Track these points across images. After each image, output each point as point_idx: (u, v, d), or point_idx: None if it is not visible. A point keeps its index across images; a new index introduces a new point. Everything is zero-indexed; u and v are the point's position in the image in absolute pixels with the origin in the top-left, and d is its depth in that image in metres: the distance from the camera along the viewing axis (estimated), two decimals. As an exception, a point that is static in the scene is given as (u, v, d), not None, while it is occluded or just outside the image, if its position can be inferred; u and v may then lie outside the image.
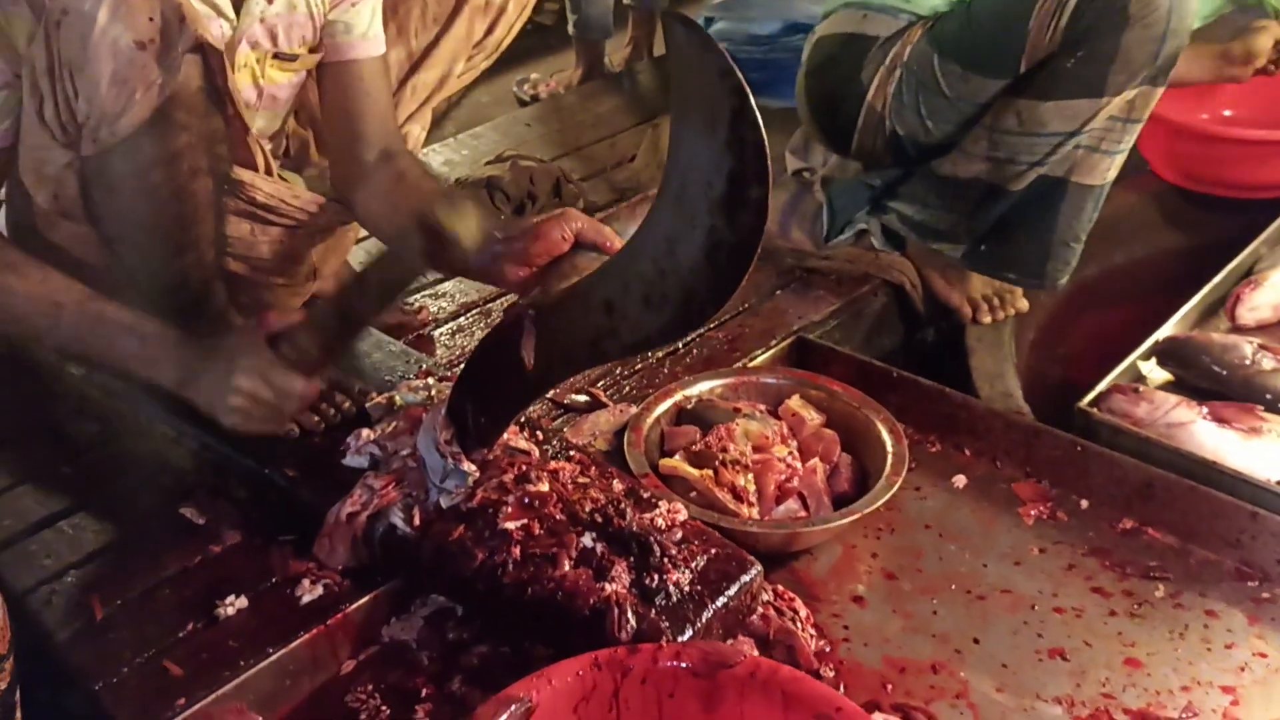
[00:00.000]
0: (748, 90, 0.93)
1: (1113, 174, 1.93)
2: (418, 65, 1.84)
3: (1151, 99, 1.85)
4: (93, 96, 1.33)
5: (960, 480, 1.67)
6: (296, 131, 1.79)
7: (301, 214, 1.65)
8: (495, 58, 1.96)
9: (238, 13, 1.50)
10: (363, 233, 1.98)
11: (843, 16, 2.10)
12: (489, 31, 1.89)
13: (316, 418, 1.55)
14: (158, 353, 1.42)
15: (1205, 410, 1.72)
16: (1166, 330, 1.96)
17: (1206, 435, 1.67)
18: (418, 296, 2.09)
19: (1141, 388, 1.79)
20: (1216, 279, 2.09)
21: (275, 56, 1.58)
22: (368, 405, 1.57)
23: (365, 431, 1.50)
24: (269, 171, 1.60)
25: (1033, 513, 1.61)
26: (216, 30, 1.46)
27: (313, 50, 1.62)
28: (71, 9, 1.29)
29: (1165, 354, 1.91)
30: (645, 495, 1.41)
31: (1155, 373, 1.91)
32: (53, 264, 1.44)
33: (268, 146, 1.61)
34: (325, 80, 1.67)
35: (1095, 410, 1.74)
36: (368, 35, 1.65)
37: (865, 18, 2.05)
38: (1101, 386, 1.79)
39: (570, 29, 3.30)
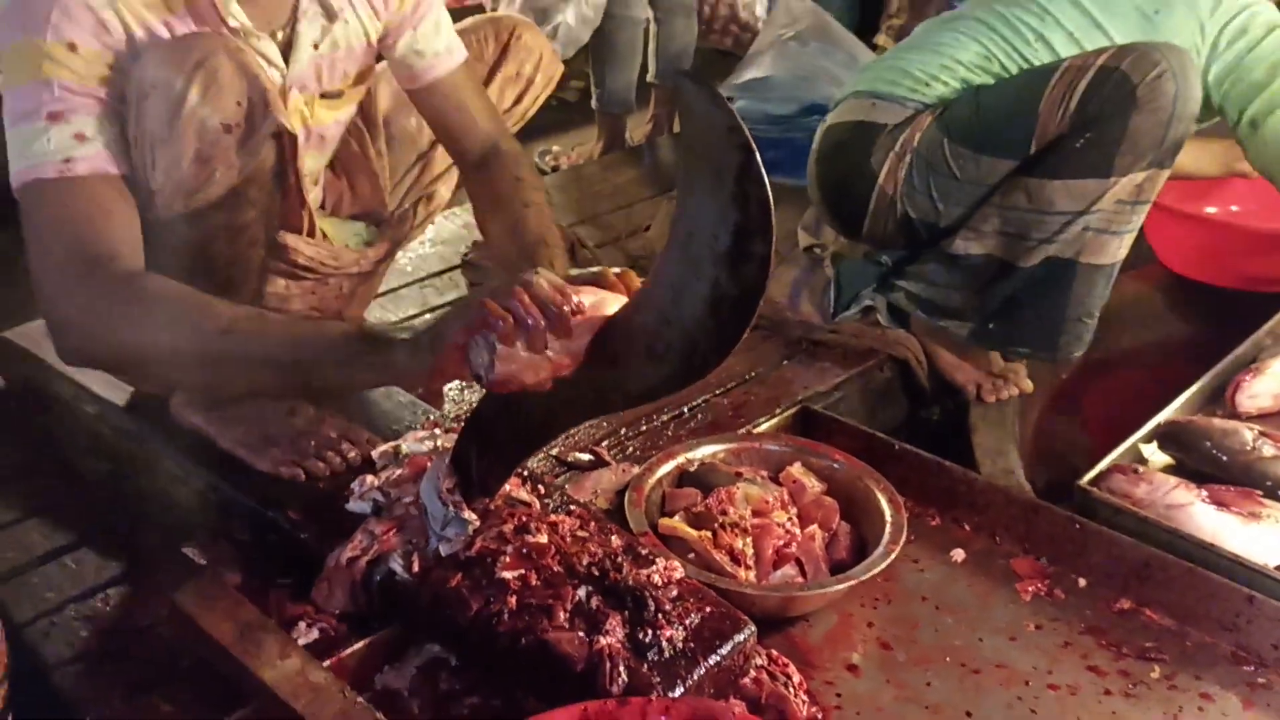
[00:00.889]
0: (754, 146, 0.96)
1: (1123, 252, 1.96)
2: None
3: (1158, 181, 1.88)
4: (172, 170, 1.35)
5: (959, 554, 1.67)
6: (332, 183, 1.84)
7: (336, 273, 1.69)
8: (520, 126, 2.02)
9: (286, 60, 1.54)
10: (385, 285, 2.02)
11: (852, 105, 2.17)
12: (517, 100, 1.95)
13: (323, 465, 1.57)
14: (381, 335, 1.25)
15: (1204, 493, 1.72)
16: (1168, 414, 1.97)
17: (1205, 518, 1.67)
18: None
19: (1141, 469, 1.80)
20: (1219, 366, 2.11)
21: (322, 96, 1.61)
22: (374, 453, 1.58)
23: (369, 478, 1.52)
24: (311, 232, 1.64)
25: (1030, 589, 1.60)
26: (268, 80, 1.48)
27: (357, 83, 1.66)
28: (161, 85, 1.32)
29: (1166, 437, 1.92)
30: (643, 551, 1.42)
31: (1156, 456, 1.91)
32: None
33: (312, 196, 1.64)
34: (420, 106, 1.73)
35: (1095, 489, 1.74)
36: (439, 52, 1.69)
37: (874, 106, 2.12)
38: (1102, 466, 1.80)
39: (594, 103, 3.38)
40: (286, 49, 1.53)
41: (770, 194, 0.97)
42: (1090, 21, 2.02)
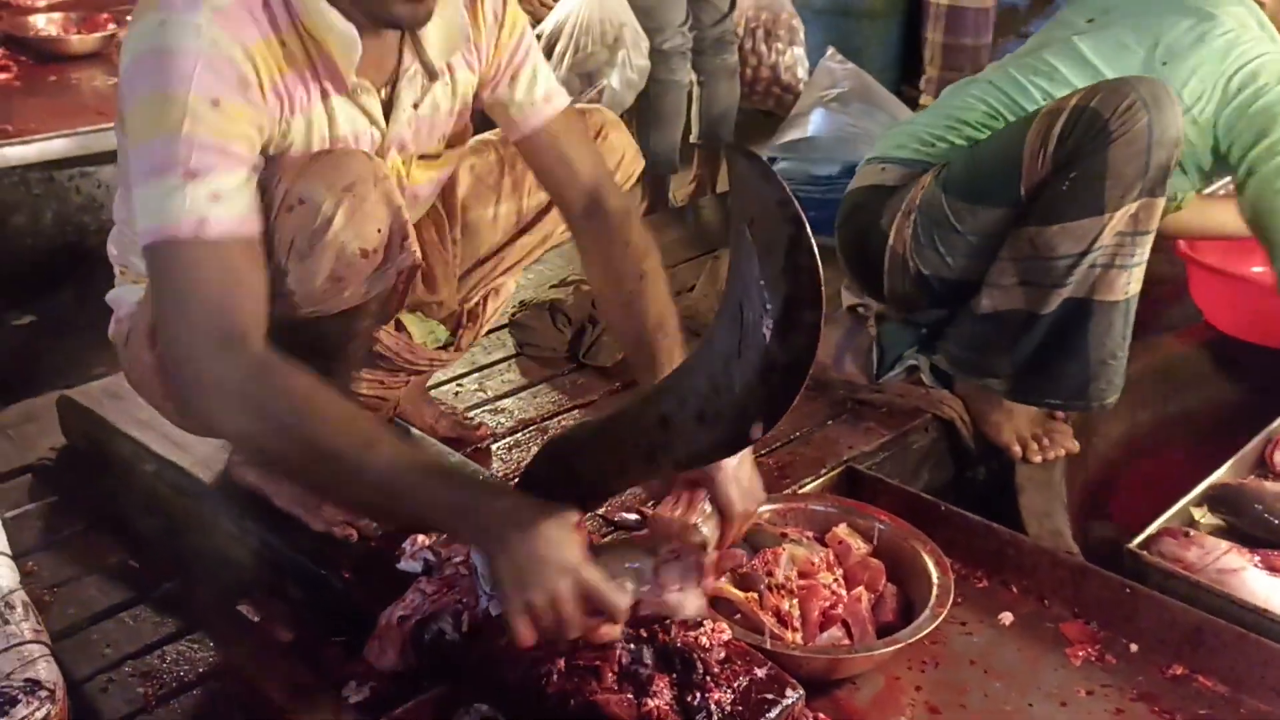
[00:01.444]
0: (804, 219, 0.99)
1: (1134, 287, 1.96)
2: (528, 226, 1.88)
3: (1154, 210, 1.89)
4: (306, 282, 1.37)
5: (1007, 617, 1.66)
6: None
7: (408, 366, 1.73)
8: None
9: (387, 119, 1.52)
10: (436, 376, 2.10)
11: (866, 170, 2.25)
12: None
13: (376, 524, 1.59)
14: (477, 514, 1.24)
15: (1257, 559, 1.70)
16: (1218, 477, 1.95)
17: (1258, 583, 1.65)
18: (477, 412, 2.15)
19: (1192, 532, 1.78)
20: (1269, 428, 2.09)
21: (420, 157, 1.61)
22: (425, 512, 1.61)
23: (420, 537, 1.54)
24: (394, 322, 1.68)
25: (1080, 654, 1.59)
26: (368, 141, 1.49)
27: (452, 145, 1.65)
28: (310, 202, 1.33)
29: (1217, 500, 1.90)
30: (691, 613, 1.43)
31: (1206, 519, 1.90)
32: None
33: None
34: (527, 159, 1.70)
35: (1145, 552, 1.73)
36: (537, 100, 1.64)
37: (884, 169, 2.20)
38: (1152, 529, 1.79)
39: (637, 164, 3.42)
40: (388, 108, 1.51)
41: (820, 265, 0.99)
42: (1097, 76, 2.03)
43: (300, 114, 1.39)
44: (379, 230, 1.38)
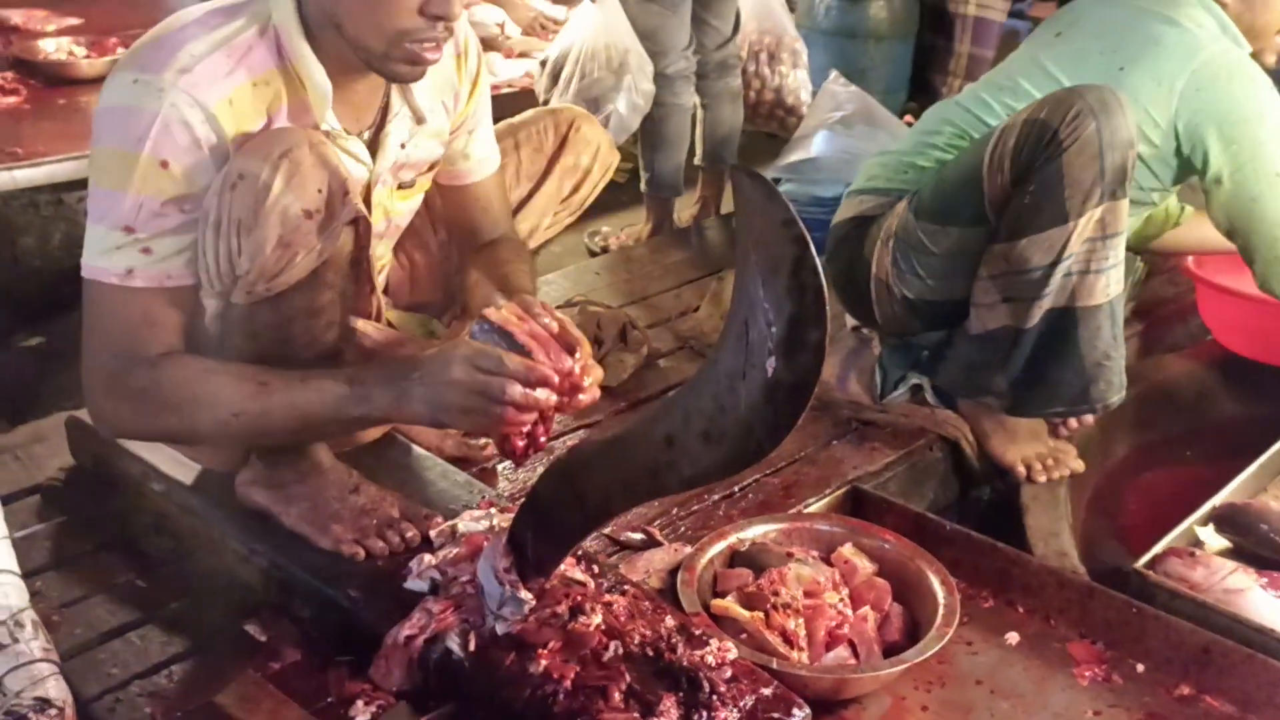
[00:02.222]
0: (808, 239, 1.00)
1: (1115, 289, 1.97)
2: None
3: (1119, 212, 1.90)
4: (256, 255, 1.41)
5: (1013, 637, 1.66)
6: (394, 271, 1.91)
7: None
8: (578, 214, 2.09)
9: (374, 156, 1.62)
10: None
11: (847, 203, 2.29)
12: (574, 190, 2.02)
13: (383, 544, 1.60)
14: (368, 384, 1.44)
15: (1264, 580, 1.71)
16: (1224, 496, 1.95)
17: (1264, 604, 1.65)
18: (483, 432, 2.16)
19: (1198, 552, 1.78)
20: (1276, 447, 2.09)
21: (399, 187, 1.70)
22: (431, 532, 1.61)
23: (427, 556, 1.55)
24: (379, 317, 1.70)
25: (1087, 674, 1.59)
26: (353, 177, 1.55)
27: (427, 172, 1.74)
28: (248, 174, 1.38)
29: (1223, 520, 1.90)
30: (696, 632, 1.43)
31: (1212, 538, 1.90)
32: None
33: (379, 279, 1.72)
34: (446, 198, 1.83)
35: (1151, 572, 1.73)
36: (484, 157, 1.81)
37: (862, 200, 2.23)
38: (1157, 549, 1.79)
39: (642, 186, 3.44)
40: (374, 146, 1.62)
41: (824, 285, 1.00)
42: (1057, 87, 2.02)
43: None
44: (319, 190, 1.42)
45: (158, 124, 1.39)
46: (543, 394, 1.39)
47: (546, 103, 3.17)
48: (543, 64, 3.35)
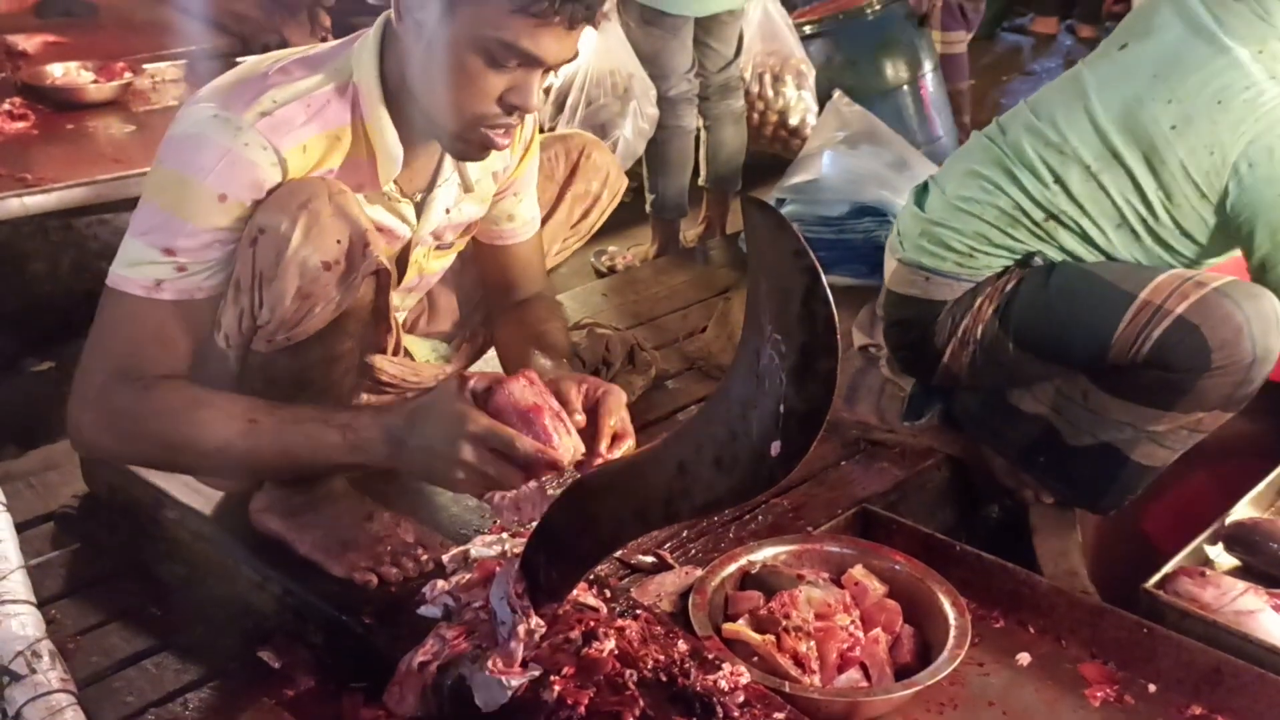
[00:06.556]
0: (819, 269, 1.01)
1: (1171, 458, 1.98)
2: None
3: (1221, 419, 1.91)
4: (276, 306, 1.43)
5: (1024, 658, 1.66)
6: (415, 305, 1.92)
7: (415, 387, 1.76)
8: (587, 239, 2.11)
9: (419, 217, 1.65)
10: None
11: (905, 275, 2.13)
12: (584, 216, 2.05)
13: (397, 570, 1.61)
14: (365, 433, 1.40)
15: (1276, 600, 1.71)
16: (1234, 515, 1.96)
17: (1275, 624, 1.65)
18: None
19: (1209, 571, 1.78)
20: (1286, 466, 2.09)
21: (436, 247, 1.73)
22: (444, 558, 1.62)
23: (440, 583, 1.55)
24: (395, 350, 1.72)
25: (1099, 694, 1.59)
26: (397, 234, 1.60)
27: (465, 234, 1.77)
28: (269, 228, 1.40)
29: (1232, 539, 1.90)
30: (709, 656, 1.44)
31: (1222, 557, 1.90)
32: None
33: (399, 317, 1.74)
34: (485, 256, 1.85)
35: (1162, 592, 1.73)
36: (527, 220, 1.84)
37: (929, 280, 2.09)
38: (1168, 569, 1.79)
39: (648, 208, 3.46)
40: (420, 208, 1.65)
41: (835, 314, 1.01)
42: (1108, 150, 1.91)
43: None
44: (338, 241, 1.43)
45: (226, 158, 1.40)
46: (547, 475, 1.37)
47: (553, 129, 3.19)
48: (547, 92, 3.37)
